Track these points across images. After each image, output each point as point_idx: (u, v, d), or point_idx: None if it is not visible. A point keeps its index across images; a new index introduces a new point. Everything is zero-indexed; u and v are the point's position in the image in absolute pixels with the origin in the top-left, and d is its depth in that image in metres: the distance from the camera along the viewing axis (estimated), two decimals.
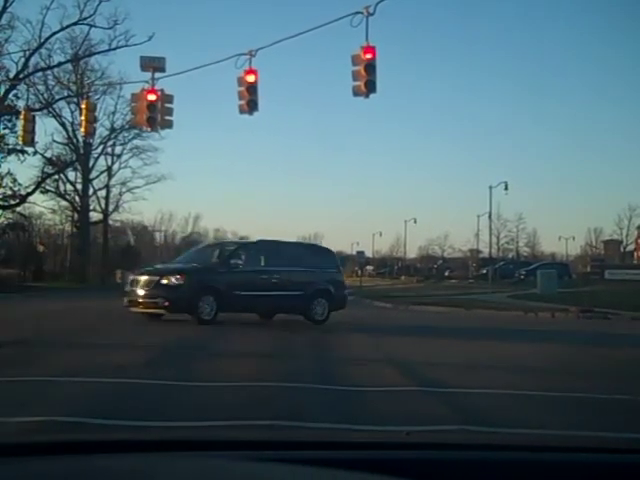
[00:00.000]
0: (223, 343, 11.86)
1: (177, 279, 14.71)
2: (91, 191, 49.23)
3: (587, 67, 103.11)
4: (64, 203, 49.22)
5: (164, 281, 14.67)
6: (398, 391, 7.24)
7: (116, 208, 51.89)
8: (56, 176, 45.91)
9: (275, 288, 15.44)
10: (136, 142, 49.49)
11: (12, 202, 40.56)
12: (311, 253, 17.97)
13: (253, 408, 6.02)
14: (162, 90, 16.67)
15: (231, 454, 1.54)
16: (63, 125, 45.52)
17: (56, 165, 44.86)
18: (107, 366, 8.15)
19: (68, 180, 47.84)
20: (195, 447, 1.60)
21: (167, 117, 16.93)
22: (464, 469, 1.58)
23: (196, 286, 14.54)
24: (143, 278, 15.06)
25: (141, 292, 14.77)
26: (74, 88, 41.56)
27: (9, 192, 39.68)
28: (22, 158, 38.55)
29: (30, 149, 34.86)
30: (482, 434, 4.84)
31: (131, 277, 15.79)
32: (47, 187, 45.36)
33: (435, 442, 1.92)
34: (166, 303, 14.39)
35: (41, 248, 52.75)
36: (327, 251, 18.80)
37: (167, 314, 14.75)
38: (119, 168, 51.20)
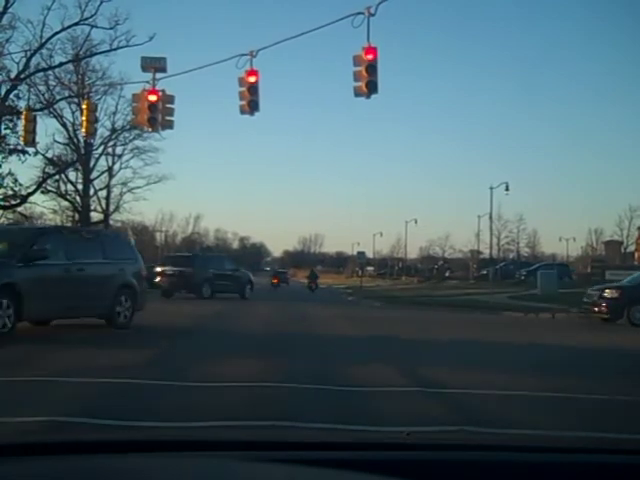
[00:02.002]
0: None
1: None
2: (92, 191, 49.22)
3: (588, 68, 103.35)
4: (65, 203, 49.24)
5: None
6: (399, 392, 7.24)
7: (117, 208, 51.92)
8: (57, 176, 45.90)
9: None
10: (137, 142, 49.50)
11: (13, 202, 40.54)
12: None
13: None
14: (163, 90, 16.67)
15: (231, 454, 1.54)
16: (64, 125, 45.54)
17: (57, 165, 44.86)
18: None
19: (69, 180, 47.87)
20: (195, 447, 1.61)
21: (168, 117, 16.93)
22: (464, 470, 1.57)
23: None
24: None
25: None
26: (75, 88, 41.53)
27: (10, 192, 39.66)
28: (23, 158, 38.56)
29: (31, 149, 34.85)
30: (482, 435, 4.83)
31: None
32: (48, 187, 45.37)
33: (435, 443, 1.92)
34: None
35: None
36: None
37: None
38: (120, 168, 51.25)
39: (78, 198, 48.27)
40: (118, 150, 50.59)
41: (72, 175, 48.18)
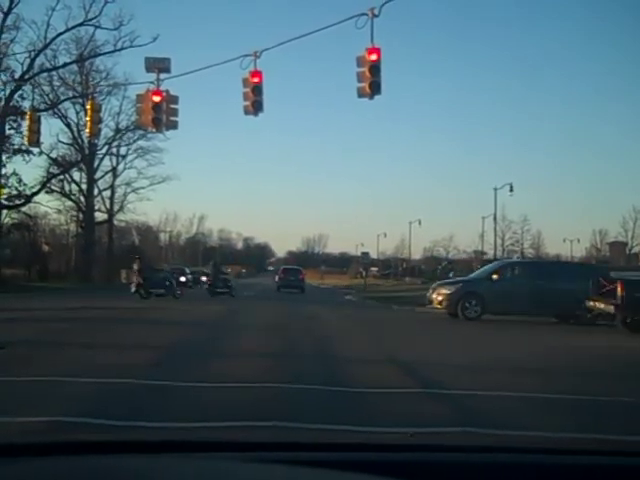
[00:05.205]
0: None
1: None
2: (96, 191, 49.36)
3: (592, 68, 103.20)
4: (69, 203, 49.40)
5: None
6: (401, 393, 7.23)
7: (121, 208, 52.08)
8: (61, 176, 46.03)
9: None
10: (141, 143, 49.69)
11: (17, 202, 40.60)
12: None
13: None
14: (167, 91, 16.70)
15: (231, 455, 1.54)
16: (68, 126, 45.67)
17: (61, 165, 44.98)
18: None
19: (73, 180, 47.99)
20: (196, 448, 1.60)
21: (172, 118, 16.95)
22: (468, 471, 1.57)
23: None
24: None
25: None
26: (79, 89, 41.63)
27: (14, 192, 39.71)
28: (27, 158, 38.61)
29: (35, 149, 34.88)
30: (486, 436, 4.82)
31: None
32: (52, 187, 45.49)
33: (439, 444, 1.92)
34: None
35: (46, 248, 52.85)
36: None
37: None
38: (124, 168, 51.43)
39: (82, 198, 48.38)
40: (122, 150, 50.79)
41: (76, 175, 48.36)
